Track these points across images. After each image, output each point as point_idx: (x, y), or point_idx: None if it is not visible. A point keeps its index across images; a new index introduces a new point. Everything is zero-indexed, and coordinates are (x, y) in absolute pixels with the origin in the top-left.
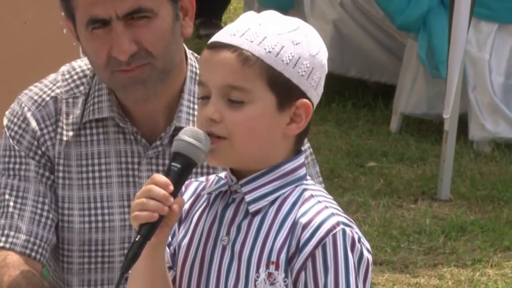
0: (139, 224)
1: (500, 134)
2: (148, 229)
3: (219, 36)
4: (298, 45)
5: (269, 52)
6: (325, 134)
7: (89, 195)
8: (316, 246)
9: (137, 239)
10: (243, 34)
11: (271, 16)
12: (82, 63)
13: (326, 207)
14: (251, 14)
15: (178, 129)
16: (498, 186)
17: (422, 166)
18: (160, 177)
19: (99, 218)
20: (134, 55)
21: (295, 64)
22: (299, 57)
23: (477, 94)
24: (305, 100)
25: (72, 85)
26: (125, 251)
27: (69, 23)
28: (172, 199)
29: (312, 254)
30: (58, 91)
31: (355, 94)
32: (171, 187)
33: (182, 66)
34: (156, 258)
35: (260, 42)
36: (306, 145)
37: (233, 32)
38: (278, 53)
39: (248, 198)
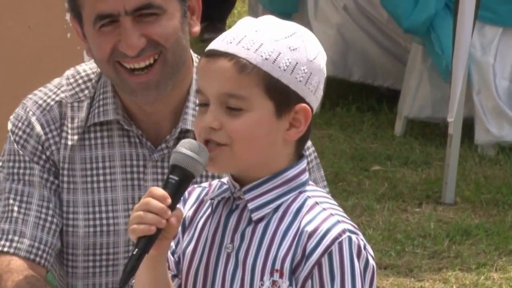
0: (137, 237)
1: (505, 138)
2: (146, 243)
3: (216, 44)
4: (295, 51)
5: (266, 59)
6: (329, 138)
7: (93, 199)
8: (322, 255)
9: (134, 253)
10: (239, 42)
11: (268, 22)
12: (86, 67)
13: (332, 214)
14: (247, 20)
15: (184, 132)
16: (503, 190)
17: (426, 169)
18: (158, 190)
19: (104, 221)
20: (144, 48)
21: (292, 70)
22: (297, 63)
23: (481, 98)
24: (303, 104)
25: (77, 89)
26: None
27: (76, 23)
28: (169, 212)
29: (318, 263)
30: (62, 95)
31: (359, 98)
32: (169, 200)
33: (189, 68)
34: (158, 270)
35: (257, 49)
36: (311, 149)
37: (229, 40)
38: (275, 59)
39: (251, 206)
